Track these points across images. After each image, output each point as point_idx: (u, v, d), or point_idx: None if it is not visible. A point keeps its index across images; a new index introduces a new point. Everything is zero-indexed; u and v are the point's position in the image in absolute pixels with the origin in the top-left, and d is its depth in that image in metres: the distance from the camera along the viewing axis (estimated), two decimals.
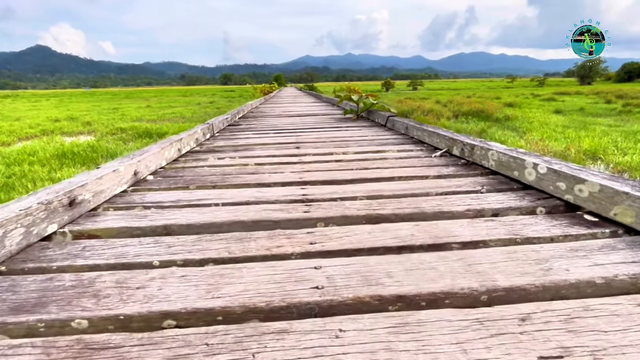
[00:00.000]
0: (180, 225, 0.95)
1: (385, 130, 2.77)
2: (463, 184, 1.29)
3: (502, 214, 1.02)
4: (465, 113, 14.57)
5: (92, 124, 15.30)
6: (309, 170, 1.56)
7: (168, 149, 1.75)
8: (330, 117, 4.07)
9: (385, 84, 45.55)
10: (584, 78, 49.02)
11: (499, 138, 8.61)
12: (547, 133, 9.64)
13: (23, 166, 7.18)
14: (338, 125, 3.26)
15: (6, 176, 6.62)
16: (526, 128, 10.72)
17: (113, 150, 8.59)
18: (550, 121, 11.94)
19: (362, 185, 1.31)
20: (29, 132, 13.09)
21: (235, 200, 1.16)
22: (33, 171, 6.78)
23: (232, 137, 2.66)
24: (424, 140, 2.14)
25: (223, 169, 1.62)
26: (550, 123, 11.56)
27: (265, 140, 2.49)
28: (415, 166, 1.59)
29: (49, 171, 6.90)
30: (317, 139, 2.44)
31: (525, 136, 9.54)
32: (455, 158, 1.71)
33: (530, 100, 21.88)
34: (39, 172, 6.49)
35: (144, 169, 1.46)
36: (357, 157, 1.81)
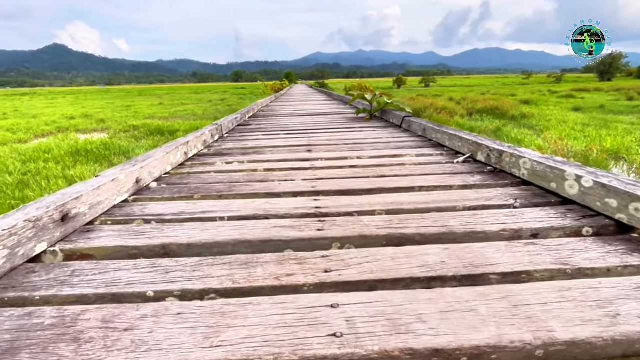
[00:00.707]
0: (180, 245, 0.86)
1: (401, 132, 2.64)
2: (493, 196, 1.16)
3: (542, 234, 0.90)
4: (479, 111, 14.21)
5: (106, 121, 15.55)
6: (322, 177, 1.45)
7: (174, 153, 1.67)
8: (343, 116, 3.94)
9: (397, 80, 44.96)
10: (604, 74, 47.38)
11: (515, 136, 8.32)
12: (565, 131, 9.28)
13: (38, 163, 7.30)
14: (351, 125, 3.14)
15: (22, 173, 6.73)
16: (543, 126, 10.36)
17: (125, 147, 8.66)
18: (568, 119, 11.52)
19: (380, 196, 1.20)
20: (45, 129, 13.37)
21: (242, 214, 1.06)
22: (47, 168, 6.88)
23: (241, 139, 2.57)
24: (444, 144, 2.00)
25: (231, 175, 1.53)
26: (568, 121, 11.15)
27: (275, 142, 2.39)
28: (436, 173, 1.47)
29: (62, 168, 6.99)
30: (329, 141, 2.33)
31: (543, 135, 9.21)
32: (480, 164, 1.58)
33: (547, 97, 21.25)
34: (53, 170, 6.57)
35: (147, 175, 1.38)
36: (372, 163, 1.69)
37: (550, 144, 7.16)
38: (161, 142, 9.82)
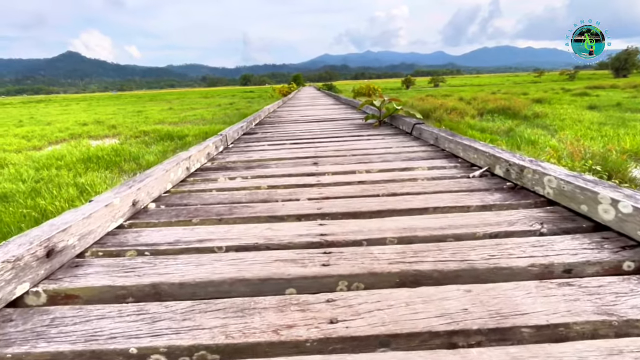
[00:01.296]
0: (172, 284, 0.78)
1: (411, 140, 2.54)
2: (515, 219, 1.05)
3: (577, 270, 0.79)
4: (490, 111, 13.94)
5: (117, 127, 15.81)
6: (328, 196, 1.37)
7: (174, 169, 1.61)
8: (350, 122, 3.85)
9: (405, 81, 44.62)
10: (619, 70, 46.11)
11: (529, 137, 8.09)
12: (581, 131, 8.99)
13: (51, 170, 7.41)
14: (359, 133, 3.05)
15: (35, 180, 6.84)
16: (557, 126, 10.08)
17: (135, 153, 8.74)
18: (584, 118, 11.19)
19: (391, 219, 1.10)
20: (58, 136, 13.66)
21: (242, 243, 0.98)
22: (59, 176, 6.98)
23: (246, 149, 2.51)
24: (458, 155, 1.89)
25: (232, 194, 1.46)
26: (584, 120, 10.83)
27: (281, 153, 2.31)
28: (451, 190, 1.36)
29: (74, 175, 7.08)
30: (336, 152, 2.25)
31: (557, 135, 8.94)
32: (498, 179, 1.47)
33: (561, 96, 20.74)
34: (65, 177, 6.66)
35: (144, 197, 1.32)
36: (382, 177, 1.60)
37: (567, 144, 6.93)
38: (170, 147, 9.89)
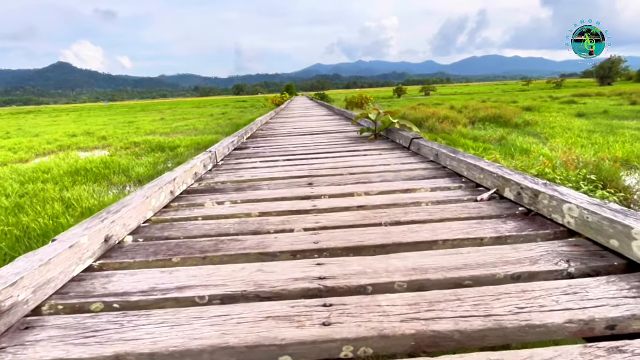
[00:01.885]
0: (140, 356, 0.64)
1: (409, 156, 2.43)
2: (537, 255, 0.94)
3: (622, 326, 0.67)
4: (481, 119, 14.05)
5: (107, 138, 15.53)
6: (326, 225, 1.24)
7: (156, 195, 1.46)
8: (345, 135, 3.75)
9: (397, 90, 45.07)
10: (604, 78, 47.35)
11: (521, 145, 8.11)
12: (571, 139, 9.06)
13: (36, 184, 7.14)
14: (355, 147, 2.94)
15: (19, 195, 6.58)
16: (548, 134, 10.16)
17: (125, 165, 8.52)
18: (573, 126, 11.32)
19: (398, 256, 0.98)
20: (46, 147, 13.34)
21: (228, 291, 0.84)
22: (45, 190, 6.73)
23: (236, 167, 2.37)
24: (461, 173, 1.79)
25: (220, 223, 1.32)
26: (573, 128, 10.95)
27: (273, 172, 2.18)
28: (460, 218, 1.25)
29: (60, 189, 6.84)
30: (332, 170, 2.13)
31: (549, 142, 8.99)
32: (508, 203, 1.36)
33: (549, 104, 21.11)
34: (50, 192, 6.42)
35: (120, 230, 1.17)
36: (383, 201, 1.48)
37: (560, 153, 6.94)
38: (161, 158, 9.68)
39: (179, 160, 9.26)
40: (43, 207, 5.48)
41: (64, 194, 6.29)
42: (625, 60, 49.05)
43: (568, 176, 4.60)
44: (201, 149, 11.25)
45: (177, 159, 9.52)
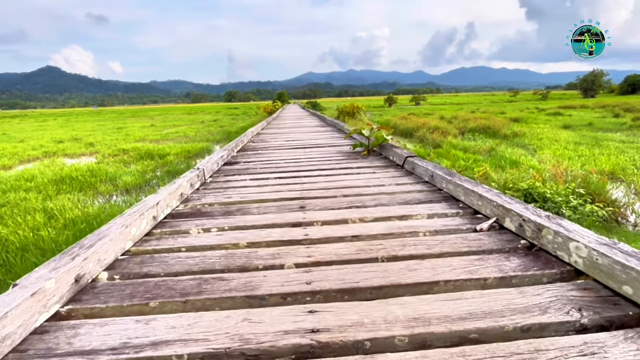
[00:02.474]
0: None
1: (404, 175, 2.37)
2: (546, 301, 0.87)
3: None
4: (471, 129, 14.24)
5: (95, 144, 15.21)
6: (319, 260, 1.16)
7: (137, 223, 1.36)
8: (338, 150, 3.69)
9: (388, 99, 45.61)
10: (587, 91, 48.80)
11: (510, 157, 8.20)
12: (559, 151, 9.22)
13: (19, 193, 6.87)
14: (347, 164, 2.87)
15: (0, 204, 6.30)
16: (536, 145, 10.32)
17: (112, 173, 8.30)
18: (560, 137, 11.55)
19: (397, 302, 0.90)
20: (31, 154, 12.97)
21: (209, 348, 0.75)
22: (27, 199, 6.48)
23: (225, 186, 2.28)
24: (458, 198, 1.73)
25: (205, 255, 1.22)
26: (560, 140, 11.16)
27: (264, 191, 2.09)
28: (460, 252, 1.18)
29: (44, 198, 6.59)
30: (325, 191, 2.05)
31: (537, 154, 9.11)
32: (509, 234, 1.30)
33: (536, 115, 21.60)
34: (33, 201, 6.18)
35: (93, 266, 1.07)
36: (379, 230, 1.40)
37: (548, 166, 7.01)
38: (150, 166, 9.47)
39: (168, 169, 9.07)
40: (24, 218, 5.26)
41: (47, 203, 6.05)
42: (607, 74, 50.75)
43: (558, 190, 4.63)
44: (191, 157, 11.08)
45: (167, 168, 9.33)
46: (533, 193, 4.76)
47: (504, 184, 5.38)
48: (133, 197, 6.71)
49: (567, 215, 4.04)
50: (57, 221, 5.17)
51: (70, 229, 4.77)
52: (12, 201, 6.33)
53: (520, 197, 4.68)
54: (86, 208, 5.73)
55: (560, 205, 4.41)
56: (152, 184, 7.68)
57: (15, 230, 4.78)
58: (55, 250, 3.89)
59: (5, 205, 6.20)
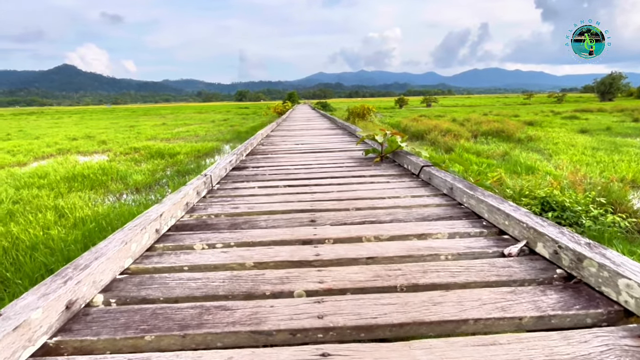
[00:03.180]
0: None
1: (420, 186, 2.25)
2: (596, 352, 0.75)
3: None
4: (484, 133, 13.95)
5: (108, 142, 15.43)
6: (331, 287, 1.05)
7: (138, 238, 1.28)
8: (349, 155, 3.58)
9: (398, 100, 45.20)
10: (605, 94, 47.52)
11: (525, 162, 7.96)
12: (576, 156, 8.92)
13: (32, 190, 6.97)
14: (360, 171, 2.76)
15: (13, 201, 6.39)
16: (552, 150, 10.02)
17: (123, 172, 8.36)
18: (576, 142, 11.20)
19: (421, 345, 0.79)
20: (46, 151, 13.21)
21: None
22: (39, 197, 6.56)
23: (232, 194, 2.19)
24: (481, 215, 1.60)
25: (208, 277, 1.13)
26: (577, 144, 10.82)
27: (273, 202, 2.00)
28: (489, 282, 1.06)
29: (55, 196, 6.65)
30: (337, 202, 1.94)
31: (553, 159, 8.83)
32: (543, 261, 1.17)
33: (551, 119, 21.07)
34: (44, 199, 6.24)
35: (88, 290, 0.99)
36: (396, 250, 1.29)
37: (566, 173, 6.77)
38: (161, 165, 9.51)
39: (178, 168, 9.10)
40: (35, 216, 5.30)
41: (58, 201, 6.11)
42: (625, 77, 49.36)
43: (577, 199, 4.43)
44: (201, 156, 11.10)
45: (177, 167, 9.36)
46: (551, 201, 4.57)
47: (519, 191, 5.20)
48: (142, 195, 6.73)
49: (587, 225, 3.86)
50: (67, 220, 5.19)
51: (79, 228, 4.78)
52: (25, 198, 6.41)
53: (537, 205, 4.51)
54: (96, 207, 5.76)
55: (580, 214, 4.22)
56: (161, 184, 7.71)
57: (26, 229, 4.81)
58: (64, 249, 3.89)
59: (19, 202, 6.28)
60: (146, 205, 5.64)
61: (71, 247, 4.00)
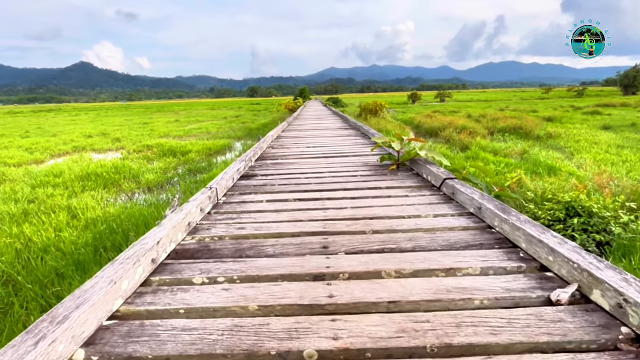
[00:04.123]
0: None
1: (442, 201, 2.05)
2: None
3: None
4: (500, 130, 13.50)
5: (122, 140, 15.64)
6: (348, 347, 0.88)
7: (130, 274, 1.14)
8: (364, 162, 3.38)
9: (411, 95, 44.40)
10: (628, 88, 45.52)
11: (545, 161, 7.59)
12: (599, 155, 8.47)
13: (47, 189, 7.05)
14: (376, 182, 2.57)
15: (29, 200, 6.47)
16: (573, 148, 9.56)
17: (136, 170, 8.41)
18: (599, 140, 10.68)
19: None
20: (62, 148, 13.46)
21: None
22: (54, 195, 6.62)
23: (239, 210, 2.04)
24: (517, 244, 1.41)
25: (204, 328, 0.97)
26: (600, 142, 10.32)
27: (281, 220, 1.84)
28: (540, 346, 0.87)
29: (69, 195, 6.71)
30: (352, 223, 1.77)
31: (575, 158, 8.41)
32: (601, 312, 0.98)
33: (572, 114, 20.28)
34: (58, 199, 6.30)
35: (65, 348, 0.85)
36: (421, 292, 1.11)
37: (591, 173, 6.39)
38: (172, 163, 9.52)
39: (190, 167, 9.08)
40: (48, 217, 5.33)
41: (71, 201, 6.15)
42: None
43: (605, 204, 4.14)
44: (212, 154, 11.08)
45: (188, 166, 9.36)
46: (576, 206, 4.29)
47: (542, 194, 4.91)
48: (154, 195, 6.71)
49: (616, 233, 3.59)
50: (80, 221, 5.19)
51: (90, 230, 4.76)
52: (40, 197, 6.48)
53: (561, 210, 4.24)
54: (107, 207, 5.75)
55: (608, 221, 3.94)
56: (173, 182, 7.70)
57: (38, 230, 4.82)
58: (74, 252, 3.86)
59: (34, 201, 6.35)
60: (157, 205, 5.59)
61: (81, 250, 3.96)
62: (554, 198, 4.55)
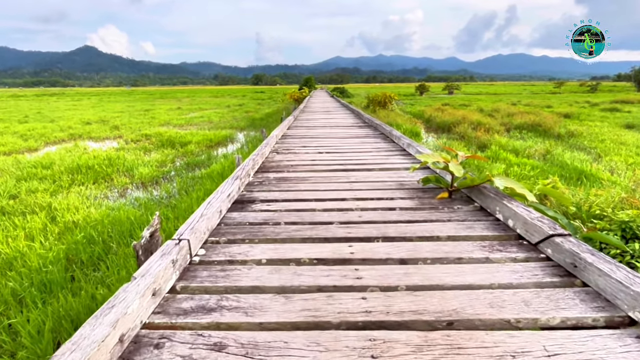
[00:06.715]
0: None
1: (552, 274, 1.25)
2: None
3: None
4: (517, 126, 12.64)
5: (120, 128, 15.05)
6: None
7: None
8: (398, 180, 2.55)
9: (419, 87, 43.06)
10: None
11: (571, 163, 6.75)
12: (631, 157, 7.61)
13: (32, 182, 6.50)
14: (426, 224, 1.74)
15: (10, 195, 5.89)
16: (600, 149, 8.69)
17: (130, 163, 7.80)
18: (626, 140, 9.77)
19: None
20: (58, 136, 12.87)
21: None
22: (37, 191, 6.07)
23: (221, 284, 1.25)
24: None
25: None
26: (627, 142, 9.42)
27: (288, 313, 1.05)
28: None
29: (54, 191, 6.15)
30: (408, 316, 0.98)
31: (603, 160, 7.58)
32: None
33: (589, 111, 19.28)
34: (40, 196, 5.72)
35: None
36: None
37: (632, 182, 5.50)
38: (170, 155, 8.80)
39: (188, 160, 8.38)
40: (24, 219, 4.75)
41: (54, 199, 5.58)
42: None
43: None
44: (213, 146, 10.34)
45: (186, 159, 8.70)
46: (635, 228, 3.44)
47: (587, 209, 4.04)
48: (147, 192, 6.13)
49: None
50: (57, 224, 4.57)
51: (66, 239, 4.14)
52: (23, 192, 5.90)
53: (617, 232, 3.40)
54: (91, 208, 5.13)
55: None
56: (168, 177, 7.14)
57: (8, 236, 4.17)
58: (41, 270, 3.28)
59: (16, 197, 5.74)
60: (147, 206, 4.93)
61: (49, 268, 3.35)
62: (603, 214, 3.70)
